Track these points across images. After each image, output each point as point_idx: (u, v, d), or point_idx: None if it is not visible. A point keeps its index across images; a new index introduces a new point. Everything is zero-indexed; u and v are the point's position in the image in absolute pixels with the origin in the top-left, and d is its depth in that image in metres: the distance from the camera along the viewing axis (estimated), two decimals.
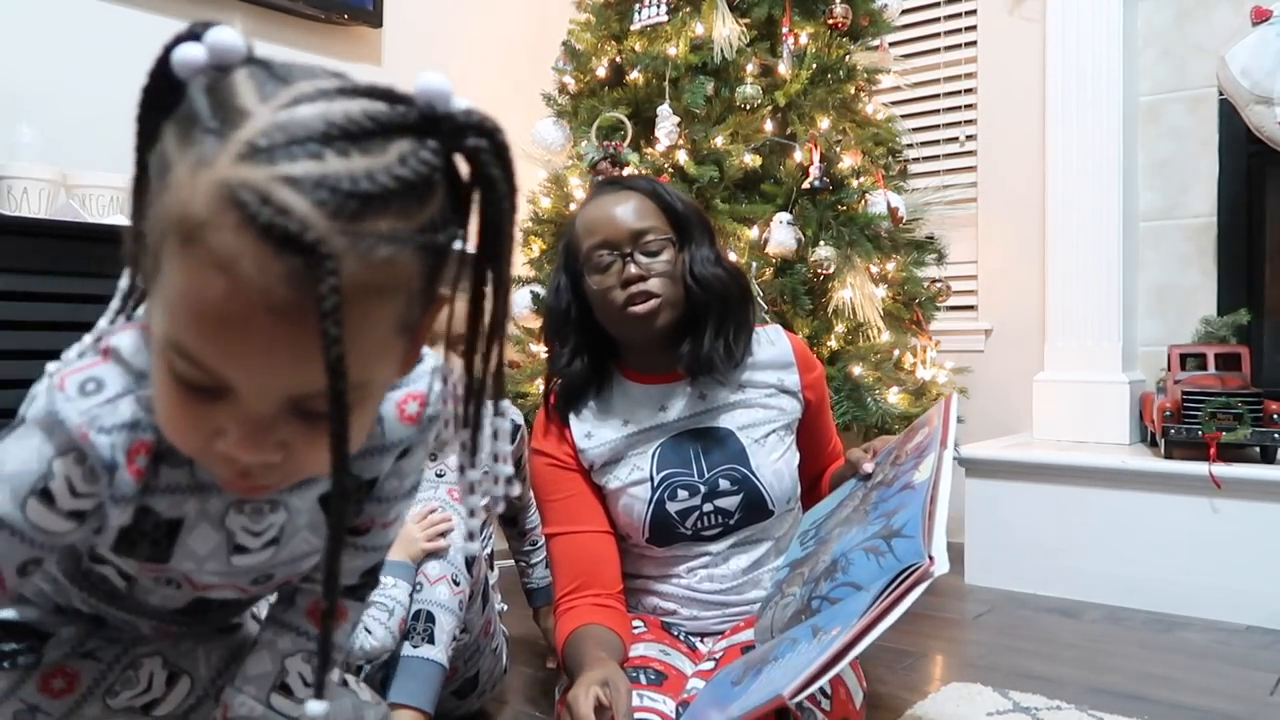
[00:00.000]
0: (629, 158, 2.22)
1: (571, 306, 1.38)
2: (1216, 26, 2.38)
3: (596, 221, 1.35)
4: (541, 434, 1.42)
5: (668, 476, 1.36)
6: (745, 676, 1.06)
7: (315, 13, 2.29)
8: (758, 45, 2.20)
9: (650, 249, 1.32)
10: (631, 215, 1.33)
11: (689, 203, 1.40)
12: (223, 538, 0.72)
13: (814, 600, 1.12)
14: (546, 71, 2.53)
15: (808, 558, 1.25)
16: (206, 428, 0.56)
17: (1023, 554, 2.24)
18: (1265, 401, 2.03)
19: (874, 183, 2.22)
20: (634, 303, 1.31)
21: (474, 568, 1.34)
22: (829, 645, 0.95)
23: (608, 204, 1.35)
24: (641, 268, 1.31)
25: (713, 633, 1.38)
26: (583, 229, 1.36)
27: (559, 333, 1.40)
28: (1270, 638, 1.89)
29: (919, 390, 2.27)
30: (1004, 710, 1.48)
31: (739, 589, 1.37)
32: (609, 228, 1.33)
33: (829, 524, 1.27)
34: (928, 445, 1.19)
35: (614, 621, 1.29)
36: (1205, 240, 2.45)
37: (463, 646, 1.39)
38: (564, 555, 1.37)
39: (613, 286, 1.32)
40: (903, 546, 1.04)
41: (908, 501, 1.11)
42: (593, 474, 1.40)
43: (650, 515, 1.35)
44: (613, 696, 1.06)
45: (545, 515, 1.42)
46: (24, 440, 0.64)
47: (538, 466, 1.42)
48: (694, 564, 1.37)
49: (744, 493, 1.35)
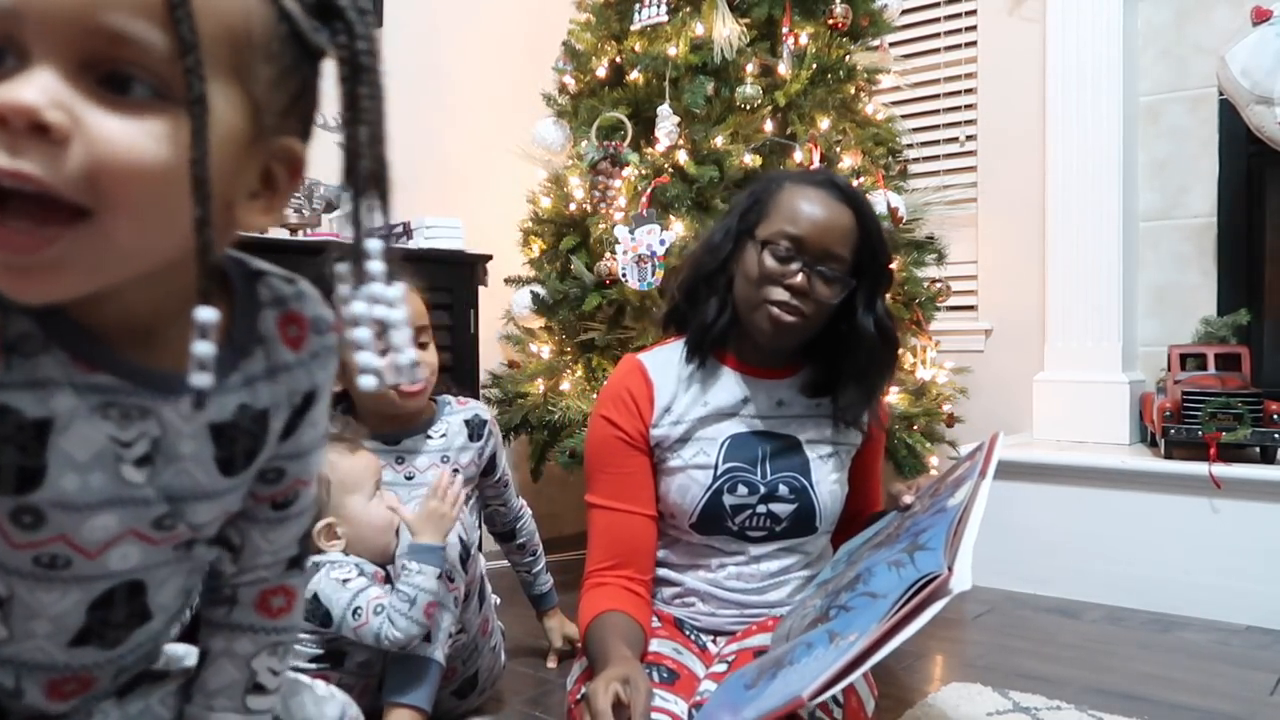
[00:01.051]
0: (629, 158, 2.22)
1: (727, 262, 1.35)
2: (1216, 26, 2.38)
3: (804, 216, 1.29)
4: (614, 404, 1.38)
5: (732, 469, 1.34)
6: (760, 680, 1.06)
7: None
8: (758, 45, 2.20)
9: (829, 275, 1.29)
10: (838, 235, 1.29)
11: (886, 247, 1.37)
12: (104, 439, 0.60)
13: (832, 609, 1.12)
14: (546, 71, 2.53)
15: (835, 577, 1.25)
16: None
17: (1023, 554, 2.24)
18: (1265, 401, 2.03)
19: (874, 183, 2.22)
20: (779, 308, 1.28)
21: (469, 564, 1.34)
22: (847, 650, 0.94)
23: (824, 207, 1.30)
24: (809, 288, 1.28)
25: (726, 632, 1.37)
26: (785, 209, 1.30)
27: (710, 279, 1.36)
28: (1270, 638, 1.89)
29: (919, 390, 2.27)
30: (1004, 710, 1.48)
31: (760, 590, 1.37)
32: (812, 230, 1.28)
33: (861, 550, 1.28)
34: (966, 476, 1.19)
35: (639, 611, 1.29)
36: (1205, 240, 2.45)
37: (461, 646, 1.39)
38: (606, 530, 1.36)
39: (776, 279, 1.28)
40: (923, 558, 1.04)
41: (937, 523, 1.11)
42: (656, 450, 1.37)
43: (705, 502, 1.34)
44: (632, 696, 1.05)
45: (595, 484, 1.38)
46: None
47: (603, 435, 1.38)
48: (726, 559, 1.37)
49: (799, 503, 1.35)
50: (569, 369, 2.27)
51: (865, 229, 1.31)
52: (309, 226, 1.97)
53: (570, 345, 2.30)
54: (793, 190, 1.32)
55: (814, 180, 1.34)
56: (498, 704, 1.55)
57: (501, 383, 2.38)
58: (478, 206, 2.62)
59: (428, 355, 1.51)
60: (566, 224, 2.34)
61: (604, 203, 2.21)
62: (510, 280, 2.44)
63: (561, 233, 2.34)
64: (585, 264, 2.24)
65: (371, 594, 1.28)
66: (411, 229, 2.04)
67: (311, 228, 1.98)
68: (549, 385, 2.26)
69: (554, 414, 2.16)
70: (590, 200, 2.25)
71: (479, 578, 1.40)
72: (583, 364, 2.26)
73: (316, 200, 1.98)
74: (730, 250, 1.34)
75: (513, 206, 2.51)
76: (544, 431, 2.20)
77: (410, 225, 2.05)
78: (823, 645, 1.02)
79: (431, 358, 1.52)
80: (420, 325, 1.50)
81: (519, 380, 2.32)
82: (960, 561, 1.01)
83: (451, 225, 2.09)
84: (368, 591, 1.28)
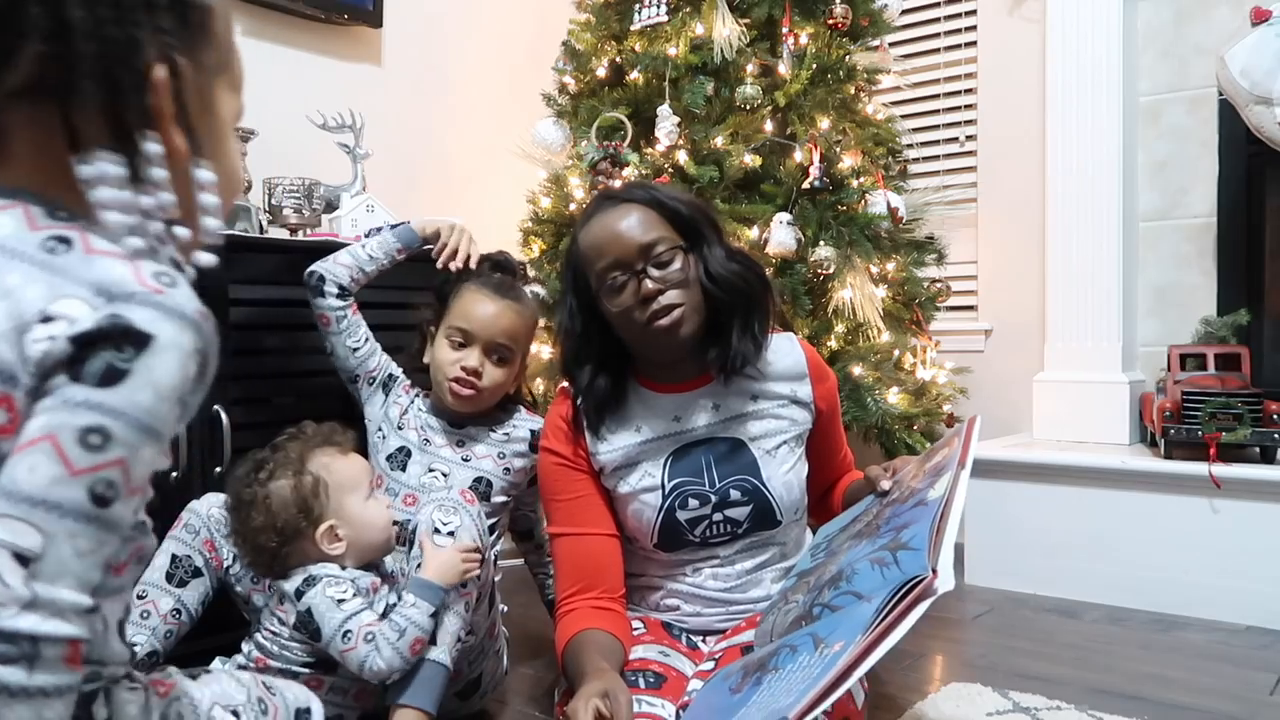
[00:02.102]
0: (629, 158, 2.22)
1: (588, 328, 1.35)
2: (1216, 26, 2.38)
3: (602, 242, 1.30)
4: (553, 433, 1.41)
5: (679, 485, 1.35)
6: (745, 684, 1.05)
7: (315, 13, 2.29)
8: (758, 45, 2.20)
9: (662, 260, 1.29)
10: (637, 229, 1.29)
11: (690, 202, 1.37)
12: None
13: (815, 608, 1.12)
14: (546, 71, 2.53)
15: (815, 568, 1.24)
16: None
17: (1023, 554, 2.24)
18: (1265, 401, 2.03)
19: (874, 183, 2.22)
20: (657, 318, 1.28)
21: (483, 570, 1.34)
22: (833, 663, 0.94)
23: (610, 221, 1.31)
24: (656, 281, 1.28)
25: (715, 630, 1.38)
26: (589, 251, 1.32)
27: (577, 358, 1.37)
28: (1270, 638, 1.89)
29: (919, 390, 2.27)
30: (1004, 710, 1.48)
31: (742, 587, 1.37)
32: (616, 247, 1.29)
33: (840, 538, 1.27)
34: (945, 464, 1.19)
35: (614, 625, 1.29)
36: (1205, 240, 2.45)
37: (468, 648, 1.39)
38: (568, 557, 1.37)
39: (632, 306, 1.28)
40: (908, 559, 1.03)
41: (919, 517, 1.11)
42: (603, 477, 1.39)
43: (660, 522, 1.35)
44: (613, 708, 1.06)
45: (551, 515, 1.41)
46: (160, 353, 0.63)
47: (547, 466, 1.41)
48: (700, 565, 1.38)
49: (754, 503, 1.35)
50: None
51: (658, 206, 1.32)
52: (309, 226, 1.96)
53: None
54: (582, 236, 1.34)
55: (595, 208, 1.35)
56: (499, 705, 1.55)
57: None
58: (478, 206, 2.62)
59: (494, 370, 1.57)
60: (566, 224, 2.34)
61: None
62: None
63: (561, 233, 2.34)
64: None
65: (364, 620, 1.27)
66: None
67: (311, 228, 1.98)
68: (549, 385, 2.26)
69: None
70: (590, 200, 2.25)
71: (490, 582, 1.40)
72: None
73: (316, 200, 1.97)
74: (584, 319, 1.35)
75: (513, 206, 2.51)
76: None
77: None
78: (808, 651, 1.01)
79: (499, 373, 1.57)
80: (502, 342, 1.56)
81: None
82: (943, 562, 1.00)
83: None
84: (360, 616, 1.28)
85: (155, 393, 0.63)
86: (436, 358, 1.58)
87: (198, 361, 0.67)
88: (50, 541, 0.60)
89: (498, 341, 1.56)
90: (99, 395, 0.61)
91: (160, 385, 0.63)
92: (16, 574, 0.59)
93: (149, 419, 0.63)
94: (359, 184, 2.13)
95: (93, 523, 0.61)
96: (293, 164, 2.04)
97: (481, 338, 1.55)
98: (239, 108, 0.81)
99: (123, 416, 0.62)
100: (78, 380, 0.61)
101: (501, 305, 1.57)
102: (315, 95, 2.23)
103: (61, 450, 0.60)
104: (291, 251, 1.82)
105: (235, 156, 0.80)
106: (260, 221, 1.93)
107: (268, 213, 1.95)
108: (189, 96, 0.71)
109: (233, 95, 0.79)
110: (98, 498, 0.61)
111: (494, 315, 1.56)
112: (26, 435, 0.61)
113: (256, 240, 1.81)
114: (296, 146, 2.15)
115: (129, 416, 0.62)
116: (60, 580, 0.60)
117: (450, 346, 1.56)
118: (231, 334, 1.67)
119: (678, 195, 1.37)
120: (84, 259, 0.65)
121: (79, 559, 0.61)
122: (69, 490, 0.60)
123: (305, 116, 2.12)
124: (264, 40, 2.24)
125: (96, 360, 0.62)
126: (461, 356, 1.55)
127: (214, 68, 0.76)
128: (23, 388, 0.62)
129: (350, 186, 2.12)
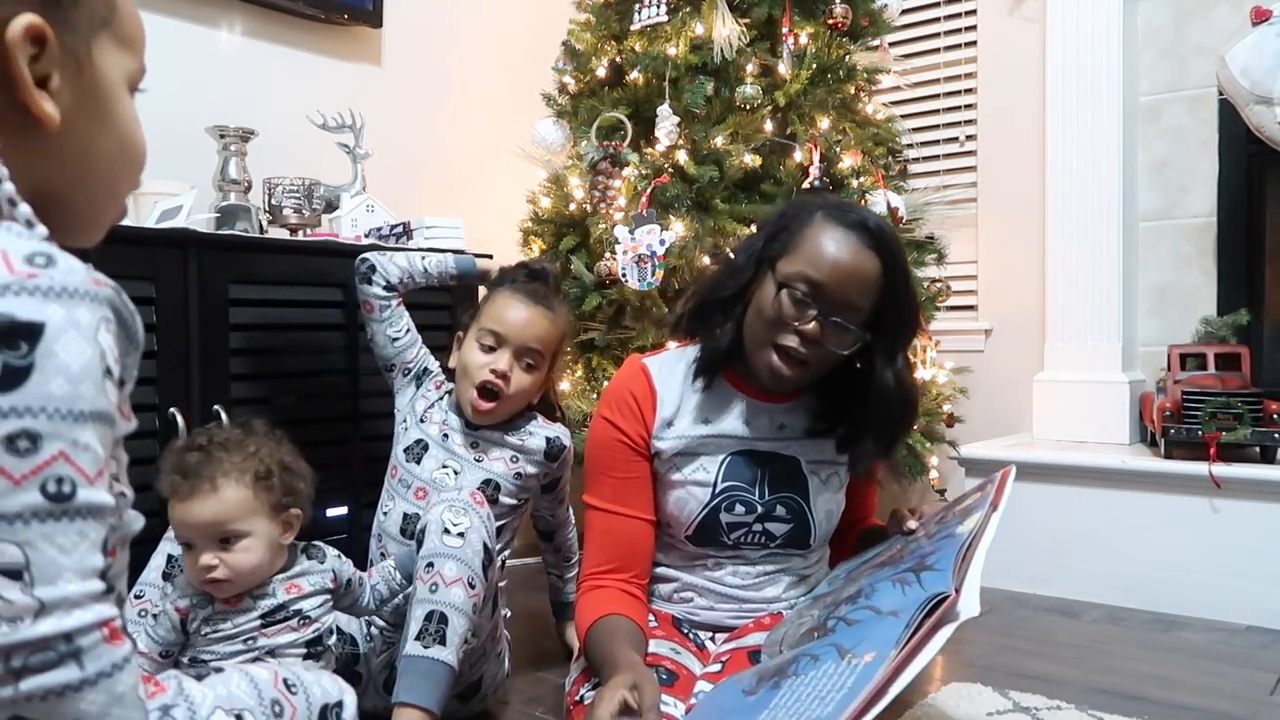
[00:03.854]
0: (629, 158, 2.22)
1: (748, 285, 1.30)
2: (1216, 26, 2.38)
3: (827, 261, 1.22)
4: (619, 406, 1.37)
5: (730, 489, 1.34)
6: (760, 688, 1.05)
7: (315, 13, 2.29)
8: (758, 45, 2.20)
9: (844, 328, 1.24)
10: (856, 287, 1.23)
11: (913, 299, 1.30)
12: None
13: (831, 620, 1.11)
14: (546, 71, 2.53)
15: (832, 592, 1.25)
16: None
17: (1023, 554, 2.24)
18: (1265, 401, 2.03)
19: (874, 183, 2.22)
20: (782, 354, 1.25)
21: (489, 572, 1.33)
22: (869, 674, 0.92)
23: (850, 253, 1.23)
24: (823, 336, 1.24)
25: (724, 627, 1.38)
26: (810, 248, 1.24)
27: (726, 303, 1.32)
28: (1270, 638, 1.89)
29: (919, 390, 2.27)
30: (1004, 710, 1.48)
31: (758, 586, 1.38)
32: (831, 278, 1.22)
33: (861, 569, 1.27)
34: (975, 506, 1.19)
35: (638, 614, 1.30)
36: (1205, 240, 2.45)
37: (471, 651, 1.39)
38: (605, 533, 1.36)
39: (783, 321, 1.24)
40: (931, 578, 1.03)
41: (946, 547, 1.10)
42: (658, 461, 1.37)
43: (701, 518, 1.35)
44: (641, 696, 1.06)
45: (595, 486, 1.38)
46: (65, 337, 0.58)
47: (605, 438, 1.37)
48: (723, 560, 1.38)
49: (795, 523, 1.36)
50: (569, 369, 2.27)
51: (891, 279, 1.25)
52: (309, 226, 1.96)
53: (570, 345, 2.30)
54: (821, 228, 1.25)
55: (845, 220, 1.26)
56: (501, 705, 1.55)
57: None
58: (478, 206, 2.62)
59: (522, 375, 1.55)
60: (566, 224, 2.34)
61: (604, 203, 2.21)
62: None
63: (561, 233, 2.34)
64: (585, 264, 2.24)
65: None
66: (411, 229, 2.04)
67: (311, 228, 1.98)
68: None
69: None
70: (590, 200, 2.25)
71: (495, 585, 1.40)
72: (583, 364, 2.26)
73: (316, 200, 1.97)
74: (750, 276, 1.30)
75: (513, 206, 2.51)
76: None
77: (410, 225, 2.05)
78: (833, 660, 1.00)
79: (525, 380, 1.56)
80: (533, 348, 1.55)
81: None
82: (968, 588, 1.00)
83: (451, 225, 2.09)
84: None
85: (68, 378, 0.59)
86: (465, 360, 1.57)
87: (110, 328, 0.63)
88: (28, 549, 0.58)
89: (529, 346, 1.55)
90: (9, 399, 0.58)
91: (71, 369, 0.59)
92: (13, 588, 0.57)
93: (72, 405, 0.60)
94: (359, 184, 2.13)
95: (62, 517, 0.59)
96: (293, 164, 2.04)
97: (513, 342, 1.54)
98: (137, 66, 0.73)
99: (42, 413, 0.59)
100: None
101: (535, 311, 1.56)
102: (315, 95, 2.23)
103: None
104: (291, 251, 1.82)
105: (129, 123, 0.72)
106: (260, 221, 1.93)
107: (268, 213, 1.94)
108: (54, 58, 0.64)
109: (122, 52, 0.71)
110: (53, 495, 0.59)
111: (526, 320, 1.55)
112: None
113: (256, 240, 1.81)
114: (296, 146, 2.15)
115: (49, 410, 0.59)
116: (59, 579, 0.59)
117: (481, 349, 1.55)
118: (231, 334, 1.68)
119: (910, 284, 1.29)
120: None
121: (66, 554, 0.59)
122: (20, 497, 0.58)
123: (305, 116, 2.12)
124: (264, 40, 2.24)
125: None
126: (491, 360, 1.54)
127: (89, 23, 0.68)
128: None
129: (350, 186, 2.12)
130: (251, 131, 1.96)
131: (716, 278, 1.36)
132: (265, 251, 1.77)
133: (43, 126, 0.64)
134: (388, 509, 1.58)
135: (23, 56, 0.62)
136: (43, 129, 0.65)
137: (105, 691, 0.59)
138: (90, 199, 0.72)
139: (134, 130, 0.72)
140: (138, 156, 0.74)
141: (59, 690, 0.57)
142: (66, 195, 0.69)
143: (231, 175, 1.94)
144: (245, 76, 2.19)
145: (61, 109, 0.65)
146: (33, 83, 0.63)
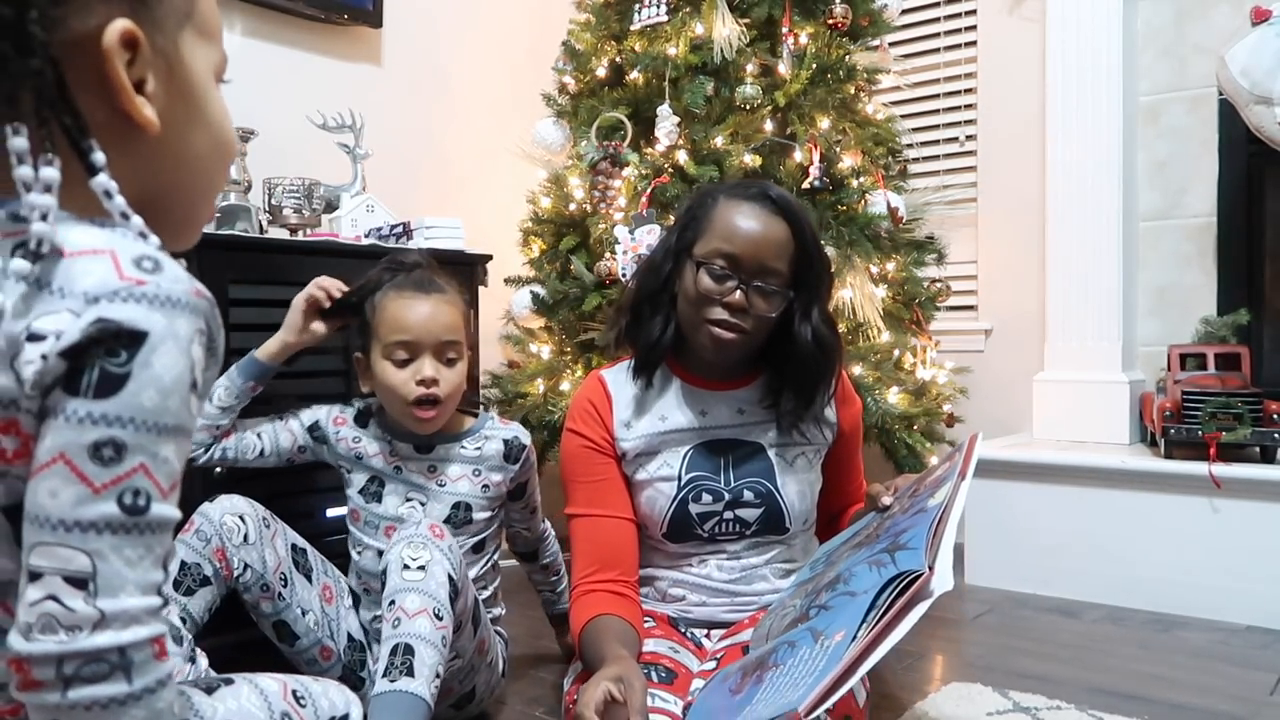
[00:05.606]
0: (629, 158, 2.22)
1: (670, 279, 1.36)
2: (1216, 26, 2.38)
3: (739, 233, 1.30)
4: (580, 416, 1.42)
5: (695, 479, 1.37)
6: (745, 684, 1.06)
7: (315, 13, 2.29)
8: (758, 45, 2.20)
9: (767, 290, 1.30)
10: (772, 249, 1.30)
11: (823, 255, 1.38)
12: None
13: (812, 609, 1.12)
14: (546, 71, 2.54)
15: (814, 578, 1.25)
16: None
17: (1023, 554, 2.24)
18: (1265, 401, 2.03)
19: (874, 183, 2.22)
20: (719, 326, 1.30)
21: (458, 601, 1.28)
22: (838, 653, 0.94)
23: (758, 222, 1.30)
24: (750, 303, 1.30)
25: (720, 623, 1.39)
26: (720, 226, 1.32)
27: (653, 299, 1.38)
28: (1270, 638, 1.89)
29: (919, 390, 2.27)
30: (1004, 710, 1.48)
31: (747, 579, 1.39)
32: (745, 247, 1.29)
33: (840, 550, 1.29)
34: (945, 476, 1.20)
35: (630, 612, 1.31)
36: (1205, 240, 2.45)
37: (457, 669, 1.37)
38: (587, 538, 1.38)
39: (714, 298, 1.30)
40: (904, 557, 1.04)
41: (918, 523, 1.12)
42: (624, 463, 1.41)
43: (671, 512, 1.37)
44: (627, 693, 1.07)
45: (572, 496, 1.42)
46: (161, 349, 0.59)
47: (573, 448, 1.42)
48: (706, 557, 1.40)
49: (766, 507, 1.37)
50: (569, 369, 2.27)
51: (801, 240, 1.32)
52: (309, 226, 1.96)
53: (570, 345, 2.31)
54: (726, 206, 1.33)
55: (747, 194, 1.34)
56: (498, 705, 1.55)
57: (501, 383, 2.38)
58: (478, 206, 2.62)
59: (449, 372, 1.45)
60: (566, 224, 2.34)
61: (604, 203, 2.21)
62: (510, 280, 2.44)
63: (561, 233, 2.34)
64: (585, 264, 2.24)
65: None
66: (411, 229, 2.04)
67: (311, 228, 1.98)
68: (549, 385, 2.27)
69: (554, 414, 2.17)
70: (590, 200, 2.25)
71: (470, 608, 1.35)
72: (583, 364, 2.26)
73: (316, 200, 1.97)
74: (671, 268, 1.36)
75: (513, 206, 2.51)
76: (544, 432, 2.20)
77: (410, 225, 2.05)
78: (807, 644, 1.02)
79: (454, 375, 1.46)
80: (448, 340, 1.44)
81: (519, 380, 2.32)
82: (940, 562, 1.01)
83: (452, 225, 2.09)
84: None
85: (160, 390, 0.59)
86: (385, 383, 1.44)
87: (202, 342, 0.62)
88: (97, 559, 0.58)
89: (443, 340, 1.44)
90: (101, 407, 0.58)
91: (163, 381, 0.59)
92: (76, 596, 0.57)
93: (159, 418, 0.59)
94: (359, 184, 2.13)
95: (133, 530, 0.59)
96: (293, 164, 2.04)
97: (426, 344, 1.42)
98: (220, 57, 0.71)
99: (131, 423, 0.58)
100: (76, 394, 0.58)
101: (432, 302, 1.44)
102: (315, 95, 2.23)
103: (77, 470, 0.58)
104: (291, 251, 1.82)
105: (221, 117, 0.70)
106: (260, 221, 1.93)
107: (268, 213, 1.94)
108: (147, 60, 0.63)
109: (206, 44, 0.69)
110: (129, 507, 0.59)
111: (429, 315, 1.43)
112: (39, 458, 0.58)
113: (256, 240, 1.81)
114: (296, 146, 2.15)
115: (137, 421, 0.59)
116: (122, 591, 0.58)
117: (395, 365, 1.43)
118: (231, 334, 1.67)
119: (819, 242, 1.37)
120: (58, 264, 0.60)
121: (132, 567, 0.59)
122: (97, 507, 0.58)
123: (305, 116, 2.12)
124: (264, 40, 2.24)
125: (91, 370, 0.58)
126: (412, 372, 1.42)
127: (174, 20, 0.66)
128: (26, 410, 0.59)
129: (350, 186, 2.12)
130: (251, 131, 1.96)
131: (639, 282, 1.41)
132: (265, 251, 1.77)
133: (143, 133, 0.63)
134: (360, 549, 1.52)
135: (120, 63, 0.60)
136: (143, 136, 0.63)
137: (147, 707, 0.59)
138: (189, 201, 0.71)
139: (226, 124, 0.71)
140: (231, 151, 0.73)
141: (104, 702, 0.57)
142: (167, 200, 0.68)
143: (231, 175, 1.94)
144: (245, 76, 2.17)
145: (158, 111, 0.64)
146: (133, 89, 0.62)
